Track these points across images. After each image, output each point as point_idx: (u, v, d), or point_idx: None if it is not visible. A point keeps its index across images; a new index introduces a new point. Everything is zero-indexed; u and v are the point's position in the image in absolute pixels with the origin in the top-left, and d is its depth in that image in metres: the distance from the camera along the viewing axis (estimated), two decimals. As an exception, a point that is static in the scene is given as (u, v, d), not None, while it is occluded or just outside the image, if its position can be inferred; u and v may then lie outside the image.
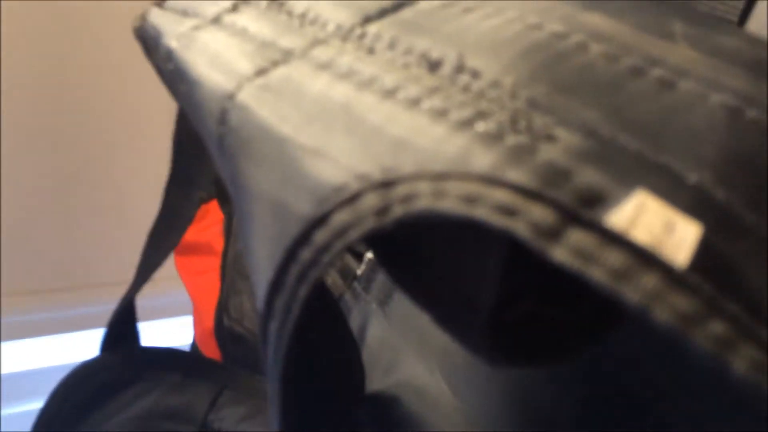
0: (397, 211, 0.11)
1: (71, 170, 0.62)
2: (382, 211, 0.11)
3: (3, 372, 0.62)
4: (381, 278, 0.28)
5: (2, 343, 0.61)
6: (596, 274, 0.09)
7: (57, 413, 0.30)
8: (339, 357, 0.23)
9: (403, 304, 0.26)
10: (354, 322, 0.28)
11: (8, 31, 0.55)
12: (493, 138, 0.11)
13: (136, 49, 0.19)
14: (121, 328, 0.31)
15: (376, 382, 0.26)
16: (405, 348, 0.26)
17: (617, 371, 0.19)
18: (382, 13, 0.14)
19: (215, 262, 0.36)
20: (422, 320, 0.17)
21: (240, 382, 0.30)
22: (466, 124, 0.11)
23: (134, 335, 0.32)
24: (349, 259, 0.29)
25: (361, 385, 0.24)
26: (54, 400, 0.30)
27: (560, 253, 0.09)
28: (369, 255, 0.29)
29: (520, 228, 0.10)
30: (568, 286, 0.11)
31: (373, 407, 0.25)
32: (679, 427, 0.18)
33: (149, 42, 0.17)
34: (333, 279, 0.29)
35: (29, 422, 0.31)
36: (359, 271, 0.29)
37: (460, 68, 0.12)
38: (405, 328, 0.26)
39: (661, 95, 0.11)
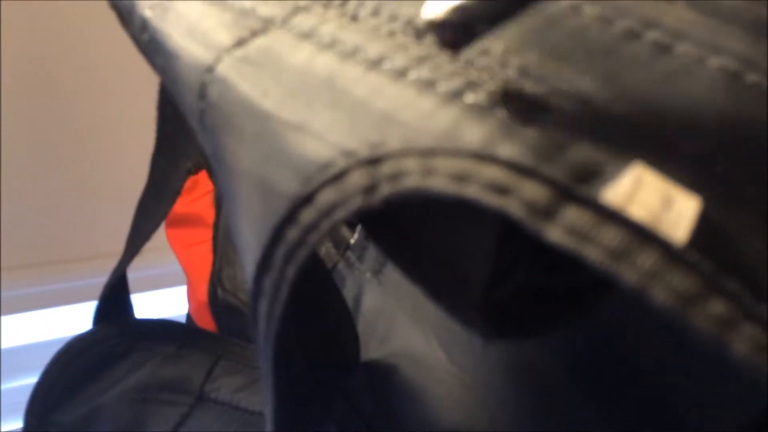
0: (385, 189, 0.10)
1: (68, 145, 0.62)
2: (370, 189, 0.11)
3: (3, 346, 0.62)
4: (374, 247, 0.28)
5: (2, 317, 0.61)
6: (592, 254, 0.09)
7: (52, 388, 0.30)
8: (332, 328, 0.23)
9: (397, 272, 0.26)
10: (349, 292, 0.28)
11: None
12: (483, 110, 0.10)
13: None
14: (114, 300, 0.31)
15: (372, 351, 0.25)
16: (400, 316, 0.26)
17: (614, 336, 0.19)
18: None
19: (207, 234, 0.35)
20: (417, 288, 0.16)
21: (235, 352, 0.30)
22: (455, 95, 0.11)
23: (127, 307, 0.32)
24: (342, 228, 0.29)
25: (356, 355, 0.24)
26: (49, 375, 0.30)
27: (555, 234, 0.09)
28: (361, 223, 0.29)
29: (513, 207, 0.09)
30: (560, 256, 0.10)
31: (369, 376, 0.25)
32: (676, 391, 0.18)
33: (123, 11, 0.17)
34: (326, 248, 0.29)
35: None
36: (352, 240, 0.29)
37: None
38: (400, 297, 0.26)
39: (658, 60, 0.11)
